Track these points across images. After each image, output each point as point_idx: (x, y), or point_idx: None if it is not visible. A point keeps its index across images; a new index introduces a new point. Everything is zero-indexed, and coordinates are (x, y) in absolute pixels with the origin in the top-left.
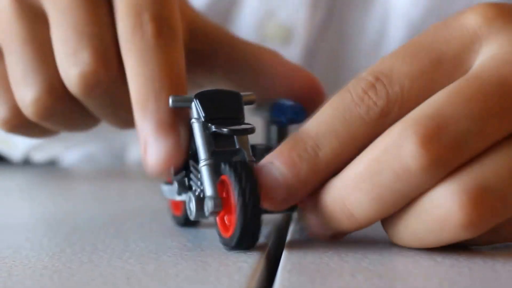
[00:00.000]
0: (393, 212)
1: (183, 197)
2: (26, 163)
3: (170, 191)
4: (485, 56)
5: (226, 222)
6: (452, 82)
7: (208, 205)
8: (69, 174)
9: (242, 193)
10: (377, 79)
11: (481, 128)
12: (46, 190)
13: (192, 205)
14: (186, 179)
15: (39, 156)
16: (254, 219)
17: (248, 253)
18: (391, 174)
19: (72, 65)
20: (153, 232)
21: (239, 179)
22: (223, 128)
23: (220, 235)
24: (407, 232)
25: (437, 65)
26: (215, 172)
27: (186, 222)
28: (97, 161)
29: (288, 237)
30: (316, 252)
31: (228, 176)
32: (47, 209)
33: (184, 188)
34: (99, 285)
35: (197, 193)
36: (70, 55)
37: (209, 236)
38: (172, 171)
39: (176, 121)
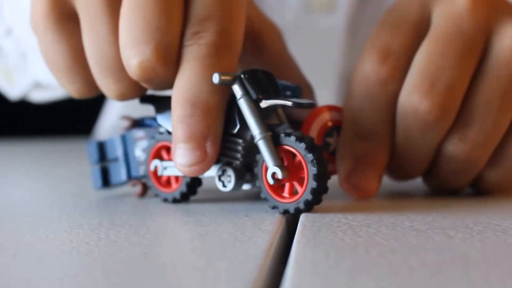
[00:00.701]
0: (426, 167)
1: (209, 171)
2: (23, 103)
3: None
4: (440, 10)
5: (284, 189)
6: (423, 34)
7: (279, 174)
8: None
9: (315, 160)
10: (385, 57)
11: (458, 68)
12: (65, 165)
13: (230, 178)
14: None
15: (37, 96)
16: (325, 183)
17: (263, 228)
18: (418, 132)
19: (133, 55)
20: (169, 208)
21: (309, 148)
22: (288, 101)
23: (274, 201)
24: (437, 179)
25: (414, 28)
26: (273, 144)
27: (178, 198)
28: None
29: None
30: (330, 227)
31: (295, 146)
32: (65, 185)
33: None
34: (116, 260)
35: (234, 165)
36: (134, 44)
37: (224, 212)
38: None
39: (208, 135)
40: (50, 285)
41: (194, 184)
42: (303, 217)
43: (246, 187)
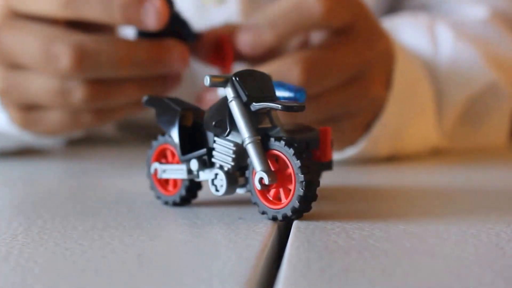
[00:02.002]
0: None
1: (205, 175)
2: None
3: (176, 172)
4: None
5: (271, 194)
6: None
7: (266, 179)
8: (79, 152)
9: (303, 168)
10: None
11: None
12: (57, 167)
13: (222, 182)
14: (206, 157)
15: None
16: (314, 190)
17: (257, 230)
18: None
19: None
20: (163, 210)
21: (297, 154)
22: (278, 104)
23: (263, 207)
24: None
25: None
26: (262, 148)
27: (179, 201)
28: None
29: None
30: (323, 229)
31: (283, 152)
32: (59, 187)
33: (205, 166)
34: (110, 262)
35: (226, 169)
36: None
37: (218, 214)
38: None
39: None
40: (43, 285)
41: (193, 187)
42: (297, 220)
43: (240, 191)
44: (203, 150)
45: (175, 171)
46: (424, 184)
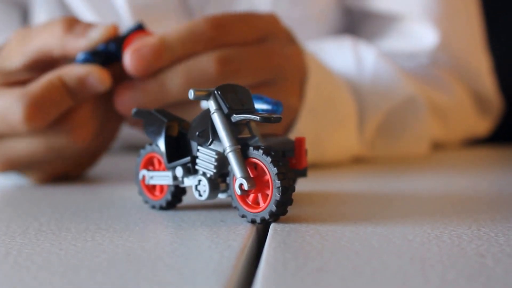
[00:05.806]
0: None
1: (189, 181)
2: None
3: (163, 178)
4: None
5: (250, 199)
6: None
7: (245, 185)
8: None
9: (280, 174)
10: None
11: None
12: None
13: (205, 187)
14: (190, 164)
15: None
16: (289, 195)
17: (237, 232)
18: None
19: None
20: (151, 213)
21: (274, 161)
22: (257, 116)
23: (243, 211)
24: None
25: None
26: (242, 156)
27: (165, 205)
28: None
29: None
30: (299, 231)
31: (262, 160)
32: (54, 192)
33: (189, 172)
34: (101, 261)
35: (209, 176)
36: None
37: (201, 217)
38: None
39: None
40: (40, 283)
41: (178, 192)
42: (274, 222)
43: (221, 196)
44: (188, 158)
45: (162, 178)
46: (379, 189)
